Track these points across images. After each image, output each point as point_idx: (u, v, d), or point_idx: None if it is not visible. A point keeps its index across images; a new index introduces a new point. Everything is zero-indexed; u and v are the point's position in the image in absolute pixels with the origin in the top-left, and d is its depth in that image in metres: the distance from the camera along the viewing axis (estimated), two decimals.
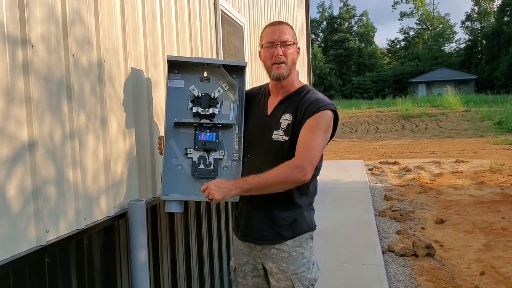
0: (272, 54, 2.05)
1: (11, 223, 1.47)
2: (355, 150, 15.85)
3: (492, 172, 10.02)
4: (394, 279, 4.22)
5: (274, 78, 2.09)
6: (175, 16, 2.81)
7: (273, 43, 2.05)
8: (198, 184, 2.16)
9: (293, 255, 2.04)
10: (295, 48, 2.11)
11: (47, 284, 1.61)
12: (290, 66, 2.07)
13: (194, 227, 3.00)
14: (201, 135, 2.19)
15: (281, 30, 2.08)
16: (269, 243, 2.07)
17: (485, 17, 57.72)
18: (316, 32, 64.54)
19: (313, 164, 1.93)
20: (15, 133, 1.50)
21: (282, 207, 2.05)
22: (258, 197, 2.04)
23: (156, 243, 2.46)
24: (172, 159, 2.20)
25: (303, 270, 2.04)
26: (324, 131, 1.99)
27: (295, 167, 1.89)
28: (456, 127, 20.93)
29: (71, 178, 1.77)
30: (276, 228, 2.05)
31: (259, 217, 2.07)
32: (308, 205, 2.12)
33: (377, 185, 9.12)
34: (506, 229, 5.84)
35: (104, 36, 2.01)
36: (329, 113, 2.01)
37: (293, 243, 2.05)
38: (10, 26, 1.49)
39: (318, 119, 1.98)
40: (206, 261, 3.16)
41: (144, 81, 2.39)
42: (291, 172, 1.88)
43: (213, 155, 2.20)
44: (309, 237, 2.10)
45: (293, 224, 2.06)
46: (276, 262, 2.06)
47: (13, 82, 1.49)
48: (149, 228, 2.35)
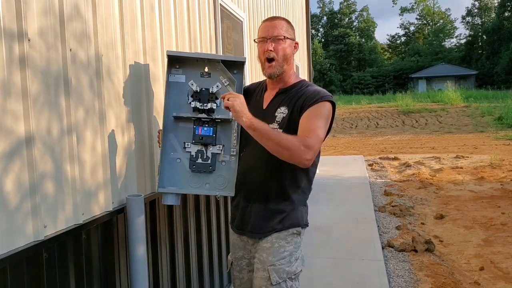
0: (264, 49, 2.03)
1: (8, 218, 1.46)
2: (355, 146, 15.84)
3: (492, 167, 10.02)
4: (394, 274, 4.22)
5: (266, 76, 2.10)
6: (173, 10, 2.79)
7: (264, 38, 2.03)
8: (195, 178, 2.19)
9: (274, 246, 2.01)
10: (289, 43, 2.06)
11: (45, 279, 1.61)
12: (282, 62, 2.04)
13: (193, 222, 3.00)
14: (199, 130, 2.20)
15: (273, 25, 2.04)
16: (259, 236, 2.05)
17: (486, 12, 57.53)
18: (317, 28, 64.36)
19: (315, 152, 1.87)
20: (12, 127, 1.49)
21: (277, 202, 2.03)
22: (254, 191, 2.05)
23: (154, 238, 2.45)
24: (172, 153, 2.22)
25: (282, 262, 1.99)
26: (325, 120, 1.95)
27: (304, 145, 1.82)
28: (456, 122, 20.92)
29: (69, 173, 1.76)
30: (268, 222, 2.03)
31: (253, 210, 2.06)
32: (302, 201, 2.10)
33: (377, 181, 9.11)
34: (506, 225, 5.83)
35: (102, 30, 2.00)
36: (328, 104, 1.98)
37: (277, 235, 2.02)
38: (7, 19, 1.48)
39: (318, 108, 1.95)
40: (205, 255, 3.16)
41: (143, 76, 2.37)
42: (299, 148, 1.82)
43: (211, 150, 2.20)
44: (296, 232, 2.06)
45: (284, 219, 2.03)
46: (258, 253, 2.04)
47: (10, 76, 1.48)
48: (147, 223, 2.35)
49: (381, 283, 3.92)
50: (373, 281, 3.97)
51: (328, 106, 1.98)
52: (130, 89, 2.25)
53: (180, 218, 2.80)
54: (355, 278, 4.02)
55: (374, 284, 3.92)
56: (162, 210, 2.54)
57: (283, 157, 1.88)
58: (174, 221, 2.70)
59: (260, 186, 2.04)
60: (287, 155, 1.86)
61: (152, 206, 2.44)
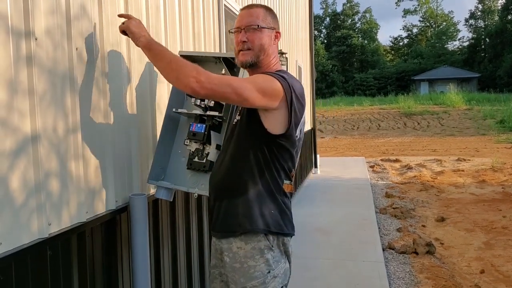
0: (238, 40, 1.88)
1: (14, 215, 1.48)
2: (357, 147, 15.84)
3: (493, 170, 10.01)
4: (394, 276, 4.23)
5: (238, 65, 1.95)
6: (178, 10, 2.80)
7: (239, 28, 1.88)
8: (190, 175, 2.23)
9: (244, 266, 1.79)
10: (267, 33, 1.88)
11: (49, 276, 1.62)
12: (258, 52, 1.86)
13: (195, 221, 3.01)
14: (193, 126, 2.21)
15: (249, 13, 1.89)
16: (220, 236, 1.88)
17: (489, 15, 57.43)
18: (319, 29, 64.34)
19: (212, 84, 1.65)
20: (19, 125, 1.50)
21: (235, 200, 1.83)
22: (218, 189, 1.90)
23: (157, 237, 2.46)
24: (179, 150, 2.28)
25: (254, 284, 1.77)
26: (254, 83, 1.73)
27: (198, 71, 1.65)
28: (458, 125, 20.90)
29: (73, 171, 1.77)
30: (228, 221, 1.84)
31: (217, 210, 1.90)
32: (269, 207, 1.82)
33: (378, 182, 9.11)
34: (507, 228, 5.83)
35: (107, 29, 2.01)
36: (272, 79, 1.76)
37: (244, 254, 1.79)
38: (14, 18, 1.49)
39: (255, 76, 1.82)
40: (206, 253, 3.17)
41: (147, 75, 2.39)
42: (191, 70, 1.65)
43: (207, 149, 2.21)
44: (265, 247, 1.79)
45: (243, 223, 1.80)
46: (229, 273, 1.84)
47: (17, 74, 1.49)
48: (150, 222, 2.36)
49: (382, 285, 3.93)
50: (374, 283, 3.97)
51: (272, 81, 1.76)
52: (135, 88, 2.26)
53: (183, 217, 2.82)
54: (355, 280, 4.03)
55: (374, 285, 3.93)
56: (164, 209, 2.55)
57: (170, 79, 1.75)
58: (176, 220, 2.71)
59: (221, 185, 1.89)
60: (173, 77, 1.70)
61: (155, 205, 2.45)
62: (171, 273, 2.64)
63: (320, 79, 49.51)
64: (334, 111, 27.82)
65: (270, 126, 1.79)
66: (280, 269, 1.83)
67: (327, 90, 50.47)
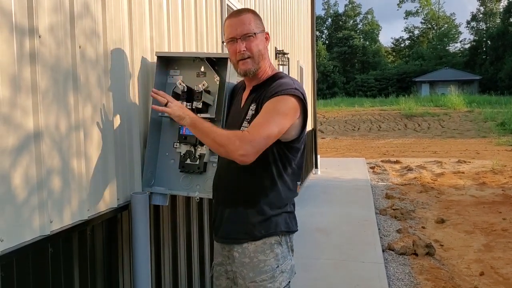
0: (235, 50, 1.89)
1: (15, 212, 1.48)
2: (357, 148, 15.84)
3: (493, 173, 10.01)
4: (394, 277, 4.23)
5: (241, 74, 1.97)
6: (181, 9, 2.81)
7: (234, 38, 1.88)
8: (181, 178, 2.23)
9: (254, 261, 1.85)
10: (260, 37, 1.91)
11: (50, 273, 1.62)
12: (257, 58, 1.90)
13: (195, 220, 3.01)
14: (183, 129, 2.21)
15: (240, 22, 1.88)
16: (230, 242, 1.93)
17: (491, 18, 57.38)
18: (321, 29, 64.30)
19: (254, 147, 1.71)
20: (21, 122, 1.50)
21: (247, 208, 1.88)
22: (225, 194, 1.96)
23: (158, 235, 2.47)
24: (166, 153, 2.27)
25: (264, 278, 1.83)
26: (280, 116, 1.77)
27: (240, 140, 1.70)
28: (459, 127, 20.90)
29: (75, 169, 1.78)
30: (238, 229, 1.90)
31: (224, 215, 1.95)
32: (278, 208, 1.90)
33: (378, 184, 9.12)
34: (507, 230, 5.84)
35: (110, 28, 2.01)
36: (290, 99, 1.80)
37: (254, 248, 1.86)
38: (18, 15, 1.49)
39: (276, 101, 1.80)
40: (207, 252, 3.17)
41: (150, 74, 2.39)
42: (233, 143, 1.70)
43: (199, 150, 2.20)
44: (274, 242, 1.87)
45: (255, 227, 1.86)
46: (238, 268, 1.90)
47: (20, 71, 1.50)
48: (151, 220, 2.36)
49: (382, 286, 3.93)
50: (373, 284, 3.98)
51: (289, 100, 1.80)
52: (137, 86, 2.26)
53: (183, 216, 2.82)
54: (355, 280, 4.03)
55: (374, 286, 3.93)
56: (165, 207, 2.55)
57: (220, 154, 1.85)
58: (177, 218, 2.71)
59: (231, 190, 1.93)
60: (223, 152, 1.78)
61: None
62: (171, 270, 2.65)
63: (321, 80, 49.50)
64: (335, 112, 27.83)
65: (288, 136, 1.86)
66: (287, 265, 1.90)
67: (328, 90, 50.45)
